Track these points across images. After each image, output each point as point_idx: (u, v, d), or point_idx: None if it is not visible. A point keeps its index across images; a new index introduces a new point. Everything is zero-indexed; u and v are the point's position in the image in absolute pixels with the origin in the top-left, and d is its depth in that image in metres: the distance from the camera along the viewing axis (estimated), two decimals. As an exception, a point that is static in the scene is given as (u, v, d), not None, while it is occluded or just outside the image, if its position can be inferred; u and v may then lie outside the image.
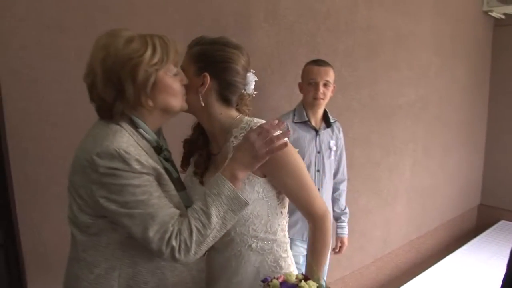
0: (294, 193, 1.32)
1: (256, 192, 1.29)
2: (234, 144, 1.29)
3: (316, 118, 2.28)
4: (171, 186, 1.23)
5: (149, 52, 1.15)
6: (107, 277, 1.21)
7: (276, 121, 1.25)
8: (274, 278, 1.15)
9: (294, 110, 2.29)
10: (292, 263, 1.42)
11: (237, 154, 1.22)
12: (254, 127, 1.25)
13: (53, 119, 1.82)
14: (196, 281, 1.37)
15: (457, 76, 4.21)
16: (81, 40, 1.86)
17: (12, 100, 1.74)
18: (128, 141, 1.14)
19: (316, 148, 2.27)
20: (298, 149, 2.16)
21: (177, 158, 1.43)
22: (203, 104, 1.29)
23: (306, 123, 2.24)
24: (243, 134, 1.27)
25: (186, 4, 2.18)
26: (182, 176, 1.42)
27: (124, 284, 1.22)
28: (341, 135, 2.44)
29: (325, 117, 2.32)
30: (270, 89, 2.63)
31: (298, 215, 2.24)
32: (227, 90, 1.31)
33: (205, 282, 1.44)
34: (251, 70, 1.37)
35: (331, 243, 1.37)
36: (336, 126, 2.41)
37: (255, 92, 1.40)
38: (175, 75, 1.23)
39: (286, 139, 1.25)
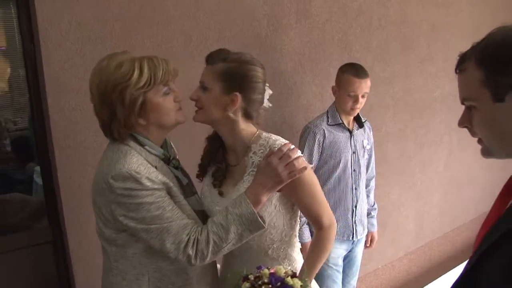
0: (307, 206, 1.39)
1: (273, 205, 1.35)
2: (253, 160, 1.35)
3: (349, 120, 2.31)
4: (180, 197, 1.32)
5: (135, 76, 1.22)
6: (138, 282, 1.34)
7: (293, 146, 1.31)
8: (267, 268, 1.22)
9: (327, 112, 2.31)
10: None
11: (260, 178, 1.28)
12: (274, 148, 1.31)
13: (96, 127, 1.90)
14: (215, 275, 1.50)
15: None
16: (120, 49, 1.93)
17: (58, 109, 1.86)
18: (137, 161, 1.24)
19: (351, 149, 2.29)
20: (333, 151, 2.24)
21: (189, 165, 1.49)
22: (226, 121, 1.34)
23: (340, 125, 2.27)
24: (262, 151, 1.34)
25: (218, 9, 2.23)
26: (195, 181, 1.49)
27: (153, 286, 1.34)
28: (371, 133, 2.46)
29: (357, 118, 2.34)
30: (302, 88, 2.66)
31: (337, 215, 2.31)
32: (253, 107, 1.36)
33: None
34: (266, 84, 1.41)
35: (329, 253, 1.44)
36: (367, 125, 2.43)
37: (270, 105, 1.44)
38: (166, 93, 1.29)
39: (303, 159, 1.32)
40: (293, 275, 1.22)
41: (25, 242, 2.08)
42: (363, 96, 2.21)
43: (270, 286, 1.16)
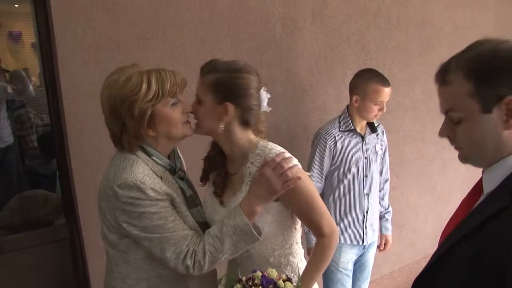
0: (305, 215, 1.38)
1: (271, 215, 1.36)
2: (250, 170, 1.36)
3: (361, 125, 2.28)
4: (183, 208, 1.35)
5: (143, 89, 1.25)
6: (138, 286, 1.38)
7: (288, 155, 1.31)
8: (261, 271, 1.23)
9: (339, 117, 2.29)
10: None
11: (255, 190, 1.29)
12: (269, 157, 1.31)
13: (109, 130, 1.99)
14: (214, 286, 1.51)
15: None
16: (134, 54, 2.00)
17: (73, 113, 1.93)
18: (143, 171, 1.27)
19: (363, 154, 2.28)
20: (345, 157, 2.23)
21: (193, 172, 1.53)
22: (222, 131, 1.34)
23: (352, 131, 2.25)
24: (259, 160, 1.34)
25: (232, 11, 2.25)
26: (200, 189, 1.51)
27: None
28: (384, 137, 2.43)
29: (370, 123, 2.32)
30: (317, 90, 2.66)
31: (348, 220, 2.31)
32: (248, 115, 1.36)
33: None
34: (263, 88, 1.40)
35: (329, 261, 1.42)
36: (380, 129, 2.40)
37: (270, 108, 1.43)
38: (174, 104, 1.31)
39: (299, 166, 1.33)
40: (287, 280, 1.23)
41: (44, 239, 2.18)
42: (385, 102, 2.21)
43: (261, 287, 1.18)
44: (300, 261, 1.48)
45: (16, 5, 4.88)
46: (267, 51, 2.41)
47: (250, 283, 1.20)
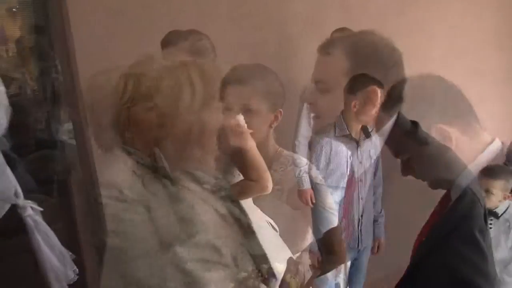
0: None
1: (287, 223, 1.40)
2: (273, 177, 1.35)
3: (357, 130, 2.31)
4: (160, 210, 1.33)
5: (120, 92, 1.28)
6: None
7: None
8: None
9: (335, 123, 2.31)
10: None
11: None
12: (291, 167, 1.36)
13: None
14: None
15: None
16: (131, 61, 2.02)
17: (72, 118, 1.95)
18: (123, 169, 1.30)
19: (358, 159, 2.31)
20: (340, 162, 2.25)
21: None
22: (269, 137, 1.40)
23: (347, 136, 2.28)
24: (282, 169, 1.38)
25: (226, 20, 2.28)
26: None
27: None
28: (378, 141, 2.46)
29: (364, 128, 2.34)
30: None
31: (343, 225, 2.31)
32: None
33: None
34: None
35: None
36: (374, 134, 2.43)
37: None
38: (150, 108, 1.30)
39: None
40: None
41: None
42: None
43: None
44: (307, 271, 1.51)
45: (14, 10, 4.90)
46: (264, 60, 2.43)
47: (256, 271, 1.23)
